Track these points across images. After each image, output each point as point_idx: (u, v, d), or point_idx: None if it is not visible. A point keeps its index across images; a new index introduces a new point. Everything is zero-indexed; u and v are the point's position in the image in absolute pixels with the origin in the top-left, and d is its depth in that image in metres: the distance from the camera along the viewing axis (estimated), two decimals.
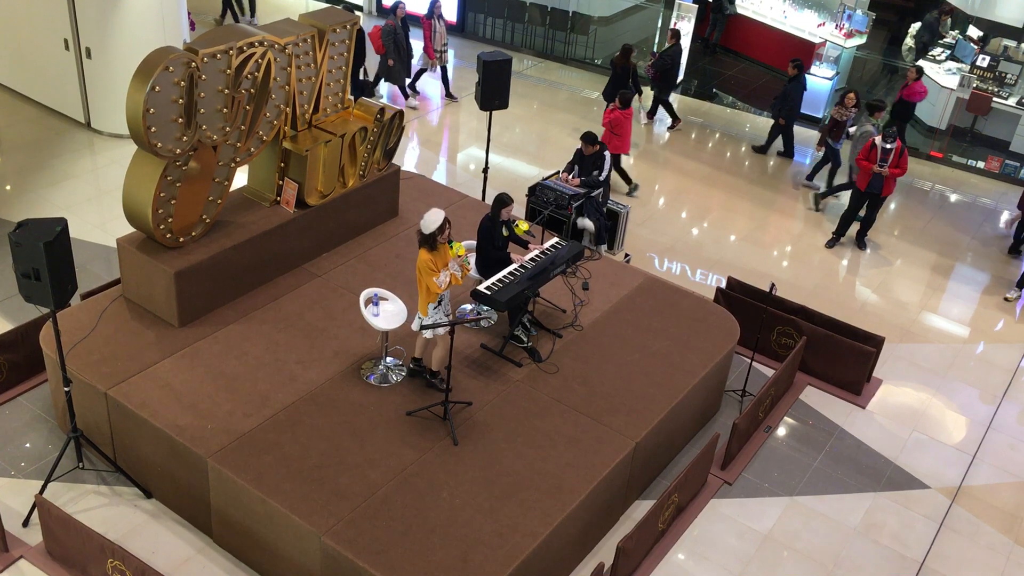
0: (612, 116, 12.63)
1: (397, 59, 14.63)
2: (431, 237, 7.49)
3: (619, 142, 12.77)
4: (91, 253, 10.62)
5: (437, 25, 14.89)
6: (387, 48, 14.49)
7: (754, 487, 8.64)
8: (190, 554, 7.44)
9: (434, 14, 14.85)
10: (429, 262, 7.47)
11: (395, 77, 14.88)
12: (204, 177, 8.33)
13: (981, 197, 14.43)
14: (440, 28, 14.95)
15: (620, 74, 14.26)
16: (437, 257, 7.52)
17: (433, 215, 7.50)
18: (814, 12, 17.46)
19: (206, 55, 7.72)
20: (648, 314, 9.27)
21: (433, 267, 7.47)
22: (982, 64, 15.79)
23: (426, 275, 7.48)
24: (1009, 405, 10.07)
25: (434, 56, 15.08)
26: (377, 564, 6.45)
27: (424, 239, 7.52)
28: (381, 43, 14.52)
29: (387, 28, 14.45)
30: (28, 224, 6.79)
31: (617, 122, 12.61)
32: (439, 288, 7.49)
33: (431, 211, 7.56)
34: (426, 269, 7.46)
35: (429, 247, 7.52)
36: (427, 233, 7.49)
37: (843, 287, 11.87)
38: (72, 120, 13.57)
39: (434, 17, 14.86)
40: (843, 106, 13.34)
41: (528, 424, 7.80)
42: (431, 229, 7.47)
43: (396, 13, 14.56)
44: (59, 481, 7.77)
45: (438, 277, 7.46)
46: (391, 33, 14.42)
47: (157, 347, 8.10)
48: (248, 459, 7.13)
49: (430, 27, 14.88)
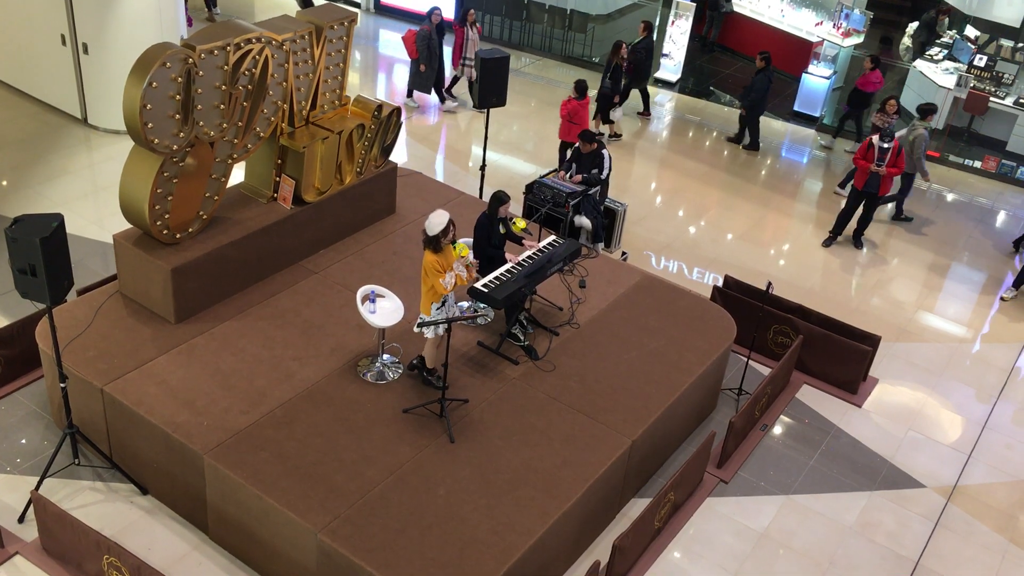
0: (570, 106, 12.87)
1: (429, 65, 14.45)
2: (436, 239, 7.50)
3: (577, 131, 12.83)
4: (87, 249, 10.60)
5: (470, 33, 14.64)
6: (420, 53, 14.33)
7: (750, 485, 8.65)
8: (186, 551, 7.44)
9: (467, 22, 14.62)
10: (435, 264, 7.47)
11: (423, 83, 14.72)
12: (201, 173, 8.32)
13: (978, 197, 14.45)
14: (472, 36, 14.68)
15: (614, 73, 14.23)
16: (442, 258, 7.52)
17: (438, 217, 7.50)
18: (812, 11, 17.47)
19: (203, 51, 7.70)
20: (645, 312, 9.27)
21: (439, 269, 7.47)
22: (979, 64, 15.81)
23: (432, 276, 7.49)
24: (1005, 404, 10.09)
25: (458, 64, 14.88)
26: (373, 561, 6.45)
27: (429, 241, 7.52)
28: (415, 48, 14.36)
29: (422, 33, 14.27)
30: (24, 220, 6.78)
31: (575, 112, 12.87)
32: (445, 290, 7.50)
33: (436, 213, 7.56)
34: (432, 270, 7.47)
35: (434, 249, 7.52)
36: (432, 235, 7.49)
37: (840, 286, 11.89)
38: (69, 116, 13.55)
39: (467, 25, 14.62)
40: (884, 113, 13.31)
41: (524, 422, 7.80)
42: (436, 231, 7.47)
43: (431, 19, 14.34)
44: (55, 477, 7.76)
45: (444, 278, 7.46)
46: (425, 39, 14.26)
47: (153, 343, 8.09)
48: (244, 456, 7.13)
49: (463, 35, 14.66)
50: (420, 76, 14.61)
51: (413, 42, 14.39)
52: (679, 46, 16.94)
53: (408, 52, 14.61)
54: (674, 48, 16.99)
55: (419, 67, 14.47)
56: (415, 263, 9.43)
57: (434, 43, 14.37)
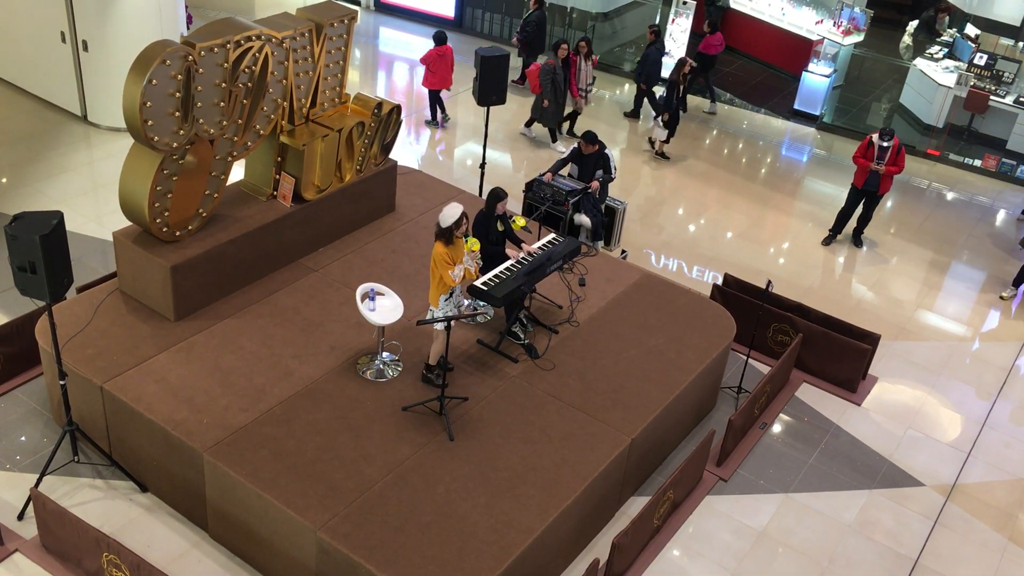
0: (428, 54, 13.89)
1: (552, 100, 13.79)
2: (448, 231, 7.56)
3: (436, 78, 14.20)
4: (87, 247, 10.60)
5: (583, 63, 14.12)
6: (544, 88, 13.71)
7: (749, 484, 8.65)
8: (185, 548, 7.44)
9: (580, 51, 14.08)
10: (445, 255, 7.54)
11: (547, 118, 14.06)
12: (201, 171, 8.31)
13: (978, 195, 14.45)
14: (585, 67, 14.17)
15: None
16: (453, 251, 7.58)
17: (452, 209, 7.58)
18: (812, 9, 17.46)
19: (203, 49, 7.70)
20: (644, 310, 9.27)
21: (449, 261, 7.53)
22: (979, 62, 15.80)
23: (441, 268, 7.54)
24: (1004, 403, 10.09)
25: (578, 94, 14.24)
26: (372, 559, 6.46)
27: (441, 232, 7.59)
28: (539, 82, 13.80)
29: (546, 67, 13.69)
30: (24, 217, 6.78)
31: (430, 59, 13.95)
32: (453, 282, 7.57)
33: (450, 205, 7.64)
34: (442, 262, 7.53)
35: (445, 240, 7.58)
36: (444, 226, 7.56)
37: (839, 284, 11.89)
38: (68, 113, 13.54)
39: (580, 54, 14.07)
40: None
41: (524, 420, 7.81)
42: (449, 223, 7.55)
43: (556, 52, 13.74)
44: (54, 474, 7.77)
45: (453, 271, 7.52)
46: (550, 72, 13.63)
47: (153, 341, 8.09)
48: (244, 453, 7.13)
49: (576, 64, 14.10)
50: (545, 111, 13.95)
51: (537, 76, 13.85)
52: (679, 44, 16.93)
53: (531, 87, 14.15)
54: (675, 46, 16.98)
55: (543, 102, 13.83)
56: (415, 261, 9.43)
57: (559, 78, 13.73)
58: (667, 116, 13.82)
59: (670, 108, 13.81)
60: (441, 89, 14.46)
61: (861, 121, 16.57)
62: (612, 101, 16.37)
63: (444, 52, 14.03)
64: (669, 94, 13.78)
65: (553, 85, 13.69)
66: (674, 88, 13.71)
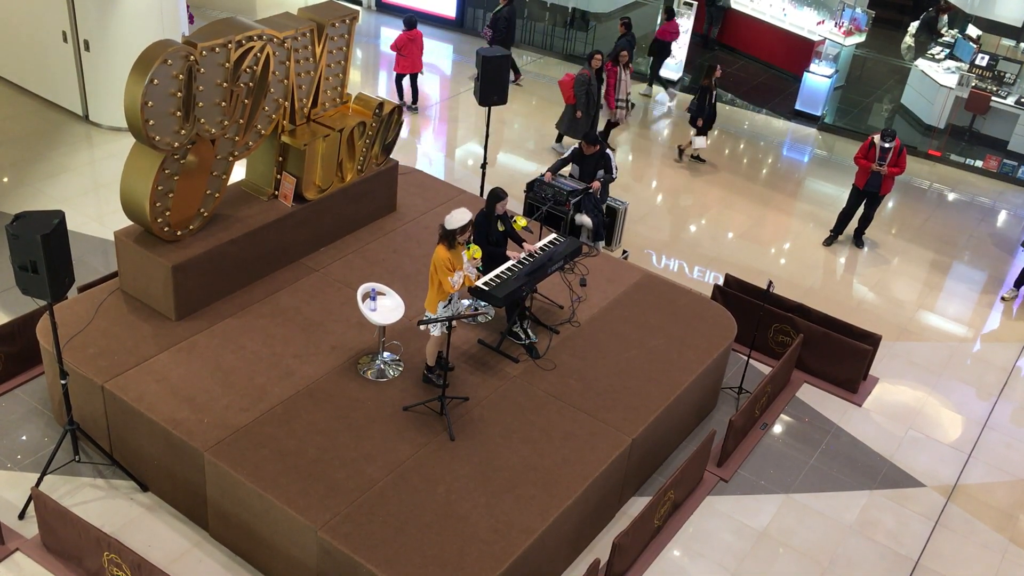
0: (399, 39, 14.24)
1: (585, 112, 13.36)
2: (452, 235, 7.47)
3: (407, 62, 14.52)
4: (88, 246, 10.61)
5: (622, 73, 13.73)
6: (578, 99, 13.27)
7: (750, 484, 8.65)
8: (186, 548, 7.44)
9: (620, 61, 13.71)
10: (447, 260, 7.44)
11: (578, 130, 13.42)
12: (202, 171, 8.32)
13: (979, 196, 14.45)
14: (625, 77, 13.78)
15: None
16: (454, 256, 7.51)
17: (460, 213, 7.48)
18: (814, 10, 17.46)
19: (205, 48, 7.70)
20: (645, 311, 9.27)
21: (449, 266, 7.45)
22: (981, 63, 15.80)
23: (441, 273, 7.46)
24: (1005, 404, 10.09)
25: (614, 106, 13.85)
26: (373, 559, 6.46)
27: (445, 235, 7.49)
28: (572, 93, 13.33)
29: (581, 78, 13.23)
30: (25, 216, 6.78)
31: (401, 43, 14.23)
32: (452, 288, 7.49)
33: (458, 209, 7.53)
34: (442, 267, 7.44)
35: (448, 244, 7.49)
36: (449, 229, 7.46)
37: (840, 285, 11.89)
38: (70, 113, 13.55)
39: (620, 64, 13.70)
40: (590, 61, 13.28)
41: (524, 420, 7.81)
42: (454, 227, 7.44)
43: (591, 63, 13.36)
44: (55, 474, 7.77)
45: (452, 277, 7.45)
46: (585, 83, 13.20)
47: (154, 341, 8.09)
48: (244, 453, 7.13)
49: (615, 74, 13.69)
50: (576, 122, 13.46)
51: (571, 87, 13.34)
52: (680, 44, 16.93)
53: (564, 97, 13.57)
54: (675, 47, 16.98)
55: (575, 113, 13.39)
56: (416, 261, 9.43)
57: (593, 89, 13.32)
58: (701, 122, 13.76)
59: (703, 113, 13.72)
60: (414, 73, 14.79)
61: (862, 122, 16.57)
62: None
63: (414, 36, 14.34)
64: (701, 99, 13.69)
65: (587, 96, 13.35)
66: (706, 93, 13.64)
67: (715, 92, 13.77)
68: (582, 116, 13.41)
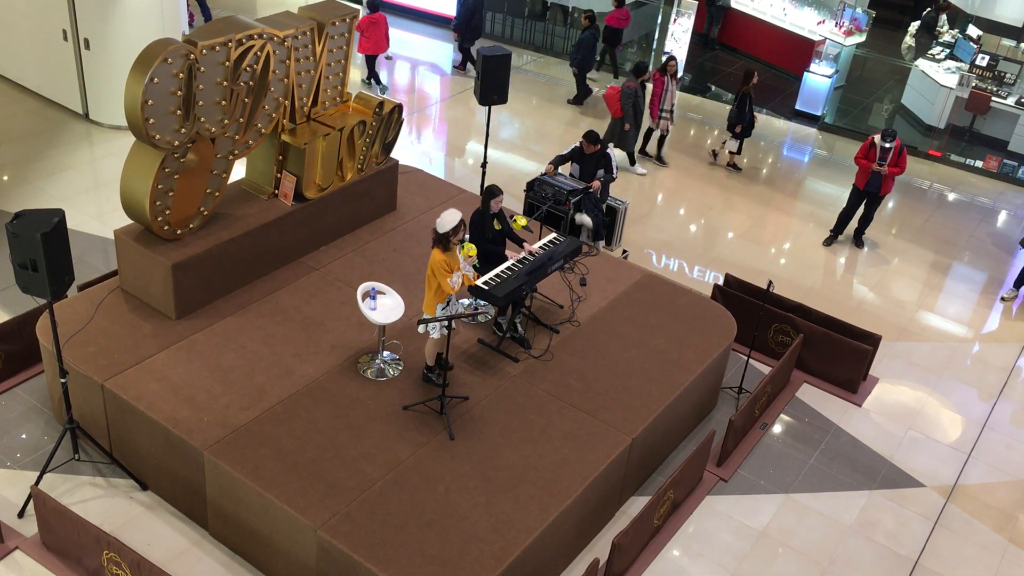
0: (361, 21, 14.42)
1: (633, 124, 13.27)
2: (445, 237, 7.44)
3: (370, 44, 14.94)
4: (88, 244, 10.60)
5: (670, 84, 13.55)
6: (625, 112, 13.12)
7: (750, 484, 8.65)
8: (186, 546, 7.44)
9: (668, 71, 13.52)
10: (443, 263, 7.42)
11: (627, 142, 13.47)
12: (202, 169, 8.31)
13: (979, 196, 14.45)
14: (672, 88, 13.58)
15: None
16: (450, 257, 7.49)
17: (450, 215, 7.45)
18: (814, 10, 17.45)
19: (205, 47, 7.70)
20: (645, 310, 9.27)
21: (447, 268, 7.43)
22: (981, 63, 15.80)
23: (440, 276, 7.43)
24: (1004, 404, 10.09)
25: (656, 116, 13.71)
26: (373, 558, 6.46)
27: (438, 238, 7.47)
28: (619, 106, 13.17)
29: (627, 90, 13.06)
30: (25, 215, 6.78)
31: (363, 25, 14.60)
32: (452, 289, 7.47)
33: (448, 211, 7.50)
34: (440, 270, 7.41)
35: (443, 247, 7.46)
36: (441, 232, 7.44)
37: (840, 285, 11.88)
38: (70, 111, 13.54)
39: (667, 74, 13.52)
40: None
41: (524, 419, 7.81)
42: (446, 229, 7.41)
43: (637, 75, 13.25)
44: (55, 472, 7.76)
45: (451, 278, 7.43)
46: (631, 96, 13.06)
47: (154, 339, 8.09)
48: (244, 452, 7.13)
49: (662, 84, 13.54)
50: (626, 135, 13.34)
51: (617, 100, 13.17)
52: (681, 44, 16.92)
53: (611, 111, 13.37)
54: (676, 46, 16.98)
55: (623, 126, 13.26)
56: (416, 260, 9.43)
57: (640, 101, 13.26)
58: (740, 128, 13.73)
59: (743, 120, 13.69)
60: (377, 54, 15.27)
61: (863, 122, 16.58)
62: None
63: (377, 19, 14.87)
64: (740, 106, 13.66)
65: (634, 109, 13.24)
66: (745, 99, 13.60)
67: (753, 97, 13.73)
68: (630, 128, 13.31)
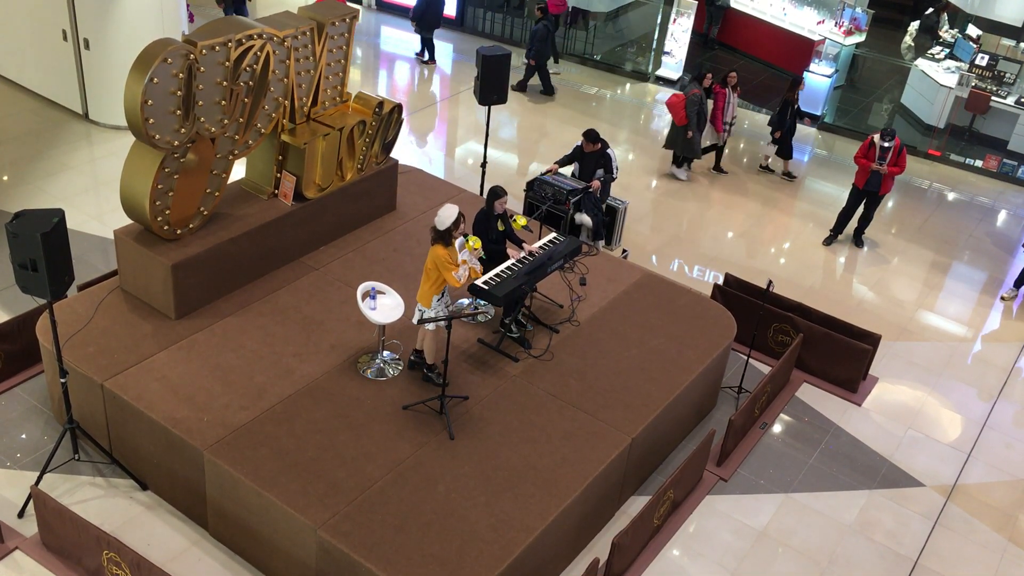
0: None
1: (696, 131, 13.19)
2: (447, 233, 7.52)
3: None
4: (88, 244, 10.60)
5: (731, 96, 13.53)
6: (690, 120, 13.03)
7: (750, 484, 8.65)
8: (185, 546, 7.44)
9: (729, 83, 13.48)
10: (447, 258, 7.48)
11: (690, 149, 13.41)
12: (202, 169, 8.32)
13: (979, 196, 14.44)
14: (733, 100, 13.57)
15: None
16: (452, 252, 7.55)
17: (448, 211, 7.53)
18: (814, 9, 17.45)
19: (205, 47, 7.70)
20: (645, 310, 9.27)
21: (452, 262, 7.48)
22: (981, 63, 15.80)
23: (445, 271, 7.49)
24: (1004, 404, 10.09)
25: (722, 129, 13.62)
26: (372, 558, 6.46)
27: (439, 235, 7.54)
28: (684, 114, 13.04)
29: (693, 98, 13.00)
30: (25, 215, 6.78)
31: None
32: (458, 283, 7.53)
33: (445, 207, 7.59)
34: (444, 265, 7.48)
35: (445, 243, 7.54)
36: (443, 229, 7.52)
37: (840, 285, 11.89)
38: (70, 111, 13.54)
39: (729, 86, 13.48)
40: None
41: (524, 419, 7.81)
42: (446, 225, 7.50)
43: (701, 82, 13.25)
44: (55, 472, 7.76)
45: (457, 272, 7.47)
46: (696, 103, 13.00)
47: (154, 339, 8.09)
48: (244, 452, 7.13)
49: (724, 97, 13.47)
50: (689, 143, 13.29)
51: (682, 107, 13.05)
52: (680, 44, 16.93)
53: (675, 118, 13.25)
54: (676, 46, 16.99)
55: (687, 134, 13.17)
56: (415, 260, 9.43)
57: (705, 108, 13.20)
58: (779, 134, 13.69)
59: (783, 126, 13.65)
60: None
61: (862, 121, 16.57)
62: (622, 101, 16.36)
63: None
64: (782, 113, 13.62)
65: (698, 116, 13.17)
66: (787, 107, 13.57)
67: (797, 105, 13.69)
68: (693, 135, 13.25)
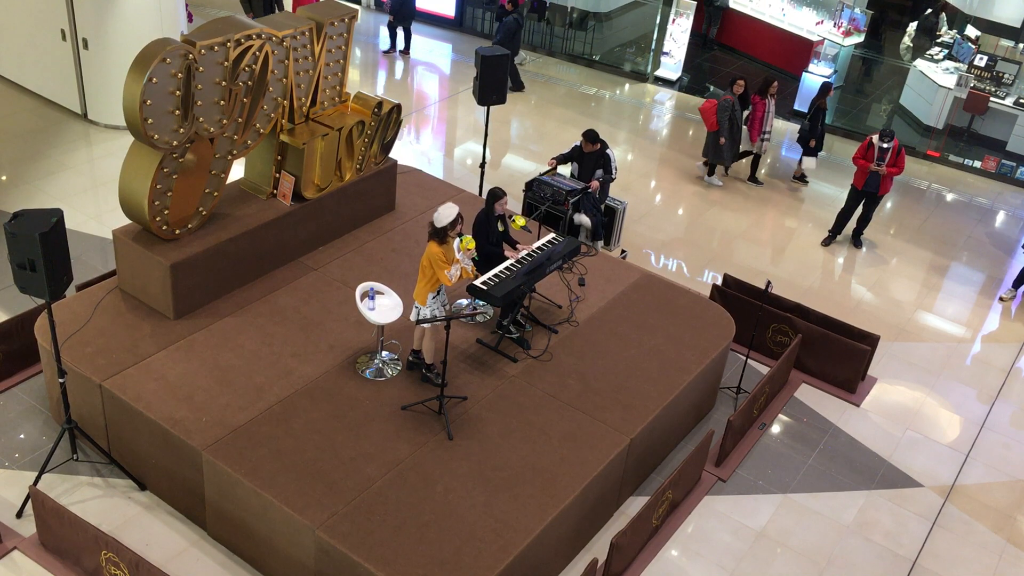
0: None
1: (729, 137, 13.12)
2: (443, 231, 7.56)
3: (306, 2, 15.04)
4: (87, 244, 10.60)
5: (770, 105, 13.33)
6: (721, 126, 13.01)
7: (748, 484, 8.65)
8: (184, 547, 7.44)
9: (768, 92, 13.27)
10: (441, 255, 7.52)
11: (722, 156, 13.36)
12: (201, 169, 8.31)
13: (977, 197, 14.45)
14: (771, 109, 13.36)
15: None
16: (447, 251, 7.58)
17: (447, 209, 7.58)
18: (812, 10, 17.46)
19: (203, 47, 7.70)
20: (644, 310, 9.27)
21: (446, 260, 7.52)
22: (979, 64, 15.81)
23: (438, 268, 7.52)
24: (1003, 404, 10.10)
25: (756, 139, 13.46)
26: (371, 558, 6.46)
27: (435, 232, 7.58)
28: (715, 120, 13.00)
29: (724, 104, 12.91)
30: (24, 215, 6.77)
31: None
32: (450, 281, 7.55)
33: (445, 205, 7.62)
34: (438, 262, 7.51)
35: (440, 240, 7.57)
36: (439, 226, 7.55)
37: (839, 285, 11.89)
38: (68, 111, 13.53)
39: (768, 96, 13.29)
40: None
41: (523, 419, 7.81)
42: (444, 223, 7.54)
43: (733, 89, 13.10)
44: (53, 472, 7.76)
45: (449, 271, 7.50)
46: (728, 109, 12.91)
47: (152, 339, 8.09)
48: (243, 452, 7.13)
49: (763, 106, 13.28)
50: (721, 149, 13.26)
51: (713, 113, 13.01)
52: (679, 44, 16.93)
53: (706, 124, 13.23)
54: (675, 46, 16.99)
55: (719, 140, 13.14)
56: (414, 260, 9.42)
57: (737, 114, 13.08)
58: (814, 143, 13.67)
59: (815, 134, 13.63)
60: None
61: (861, 122, 16.58)
62: (612, 100, 16.38)
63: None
64: (814, 120, 13.60)
65: (730, 123, 13.11)
66: (819, 114, 13.55)
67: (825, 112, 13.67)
68: (726, 142, 13.21)
